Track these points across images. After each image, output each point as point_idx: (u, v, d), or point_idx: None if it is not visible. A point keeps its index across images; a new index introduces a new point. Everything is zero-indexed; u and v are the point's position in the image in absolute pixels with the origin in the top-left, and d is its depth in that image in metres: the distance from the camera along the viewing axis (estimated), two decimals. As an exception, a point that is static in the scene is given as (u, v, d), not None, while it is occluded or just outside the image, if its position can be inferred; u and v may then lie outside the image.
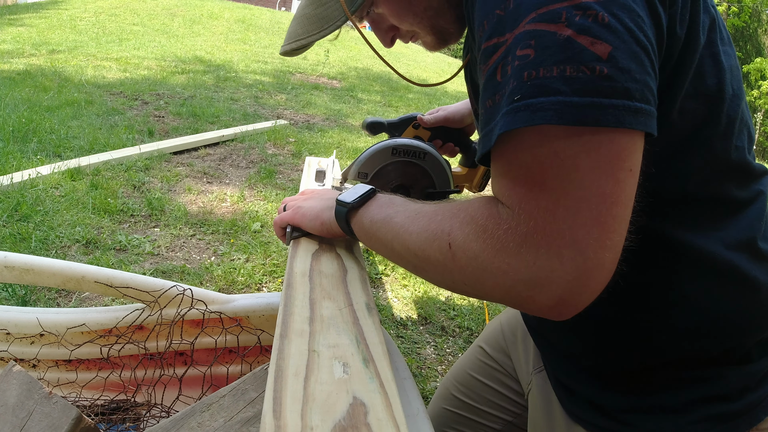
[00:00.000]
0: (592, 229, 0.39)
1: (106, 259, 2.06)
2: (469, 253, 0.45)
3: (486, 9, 0.43)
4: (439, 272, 0.49)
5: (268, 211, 2.74)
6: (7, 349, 0.91)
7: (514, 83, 0.39)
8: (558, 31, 0.38)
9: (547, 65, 0.38)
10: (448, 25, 0.63)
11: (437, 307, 2.17)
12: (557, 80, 0.38)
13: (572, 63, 0.38)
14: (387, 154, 0.88)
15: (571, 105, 0.37)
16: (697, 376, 0.55)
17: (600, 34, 0.38)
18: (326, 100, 5.88)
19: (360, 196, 0.61)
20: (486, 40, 0.43)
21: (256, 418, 0.60)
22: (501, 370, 0.86)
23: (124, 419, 0.91)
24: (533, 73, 0.39)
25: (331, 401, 0.40)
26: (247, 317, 0.90)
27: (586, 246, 0.39)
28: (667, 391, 0.55)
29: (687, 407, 0.54)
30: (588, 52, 0.38)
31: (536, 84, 0.38)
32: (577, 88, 0.38)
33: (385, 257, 0.59)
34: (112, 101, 4.40)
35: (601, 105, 0.37)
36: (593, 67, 0.37)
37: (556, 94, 0.38)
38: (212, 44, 8.37)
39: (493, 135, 0.42)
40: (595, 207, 0.39)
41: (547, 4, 0.39)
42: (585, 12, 0.38)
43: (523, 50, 0.39)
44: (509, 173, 0.43)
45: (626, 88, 0.38)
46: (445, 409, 0.92)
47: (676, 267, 0.52)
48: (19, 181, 2.52)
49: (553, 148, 0.39)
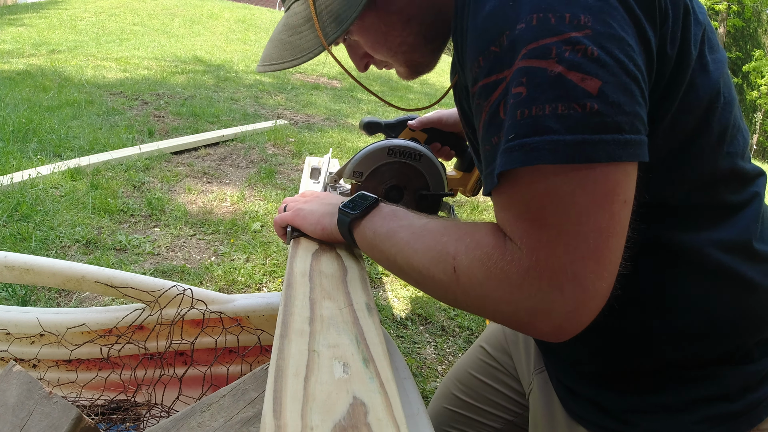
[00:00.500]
0: (589, 263, 0.41)
1: (106, 259, 2.06)
2: (474, 279, 0.46)
3: (481, 46, 0.43)
4: (441, 291, 0.50)
5: (268, 211, 2.74)
6: (7, 349, 0.91)
7: (510, 122, 0.40)
8: (549, 67, 0.39)
9: (540, 103, 0.39)
10: (423, 58, 0.64)
11: (437, 306, 2.17)
12: (549, 118, 0.39)
13: (563, 101, 0.38)
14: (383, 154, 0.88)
15: (564, 143, 0.38)
16: (697, 377, 0.55)
17: (590, 69, 0.38)
18: (326, 100, 5.88)
19: (364, 206, 0.62)
20: (485, 76, 0.43)
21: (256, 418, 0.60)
22: (502, 370, 0.86)
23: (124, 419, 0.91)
24: (526, 111, 0.39)
25: (331, 401, 0.40)
26: (247, 317, 0.90)
27: (584, 278, 0.41)
28: (669, 391, 0.56)
29: (688, 407, 0.55)
30: (579, 89, 0.38)
31: (529, 123, 0.39)
32: (569, 126, 0.38)
33: (386, 269, 0.60)
34: (112, 101, 4.40)
35: (592, 141, 0.38)
36: (584, 104, 0.38)
37: (549, 132, 0.39)
38: (212, 44, 8.37)
39: (494, 175, 0.43)
40: (593, 241, 0.40)
41: (537, 39, 0.39)
42: (574, 47, 0.38)
43: (517, 88, 0.40)
44: (511, 209, 0.44)
45: (616, 122, 0.39)
46: (445, 408, 0.92)
47: (672, 270, 0.52)
48: (19, 181, 2.52)
49: (550, 185, 0.40)
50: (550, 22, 0.39)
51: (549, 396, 0.70)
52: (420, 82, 8.60)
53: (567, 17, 0.39)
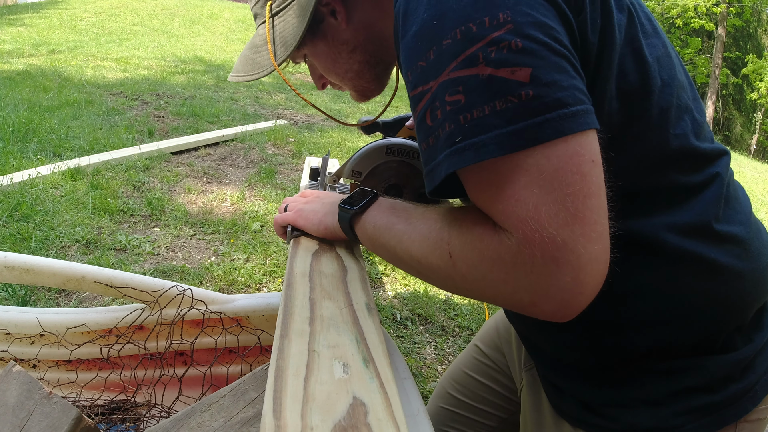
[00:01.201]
0: (575, 227, 0.40)
1: (106, 259, 2.06)
2: (469, 262, 0.46)
3: (409, 62, 0.46)
4: (442, 278, 0.50)
5: (268, 211, 2.74)
6: (7, 349, 0.91)
7: (452, 126, 0.42)
8: (479, 72, 0.41)
9: (478, 106, 0.41)
10: (368, 84, 0.72)
11: (437, 306, 2.17)
12: (490, 117, 0.40)
13: (499, 97, 0.40)
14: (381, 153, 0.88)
15: (509, 134, 0.40)
16: (675, 368, 0.54)
17: (517, 61, 0.40)
18: (326, 100, 5.88)
19: (363, 201, 0.62)
20: (412, 89, 0.46)
21: (256, 418, 0.60)
22: (496, 368, 0.86)
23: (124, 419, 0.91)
24: (468, 116, 0.41)
25: (331, 401, 0.40)
26: (247, 317, 0.90)
27: (574, 244, 0.40)
28: (647, 383, 0.55)
29: (668, 399, 0.54)
30: (511, 83, 0.40)
31: (473, 124, 0.41)
32: (509, 118, 0.40)
33: (389, 262, 0.60)
34: (112, 101, 4.40)
35: (535, 124, 0.40)
36: (519, 94, 0.40)
37: (492, 129, 0.40)
38: (212, 44, 8.37)
39: (437, 174, 0.45)
40: (571, 204, 0.40)
41: (463, 51, 0.41)
42: (498, 45, 0.40)
43: (453, 96, 0.42)
44: (480, 198, 0.45)
45: (557, 98, 0.40)
46: (441, 407, 0.93)
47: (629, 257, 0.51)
48: (19, 181, 2.52)
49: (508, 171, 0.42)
50: (471, 31, 0.41)
51: (537, 393, 0.71)
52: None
53: (486, 21, 0.41)
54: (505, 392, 0.85)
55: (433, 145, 0.45)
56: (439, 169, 0.44)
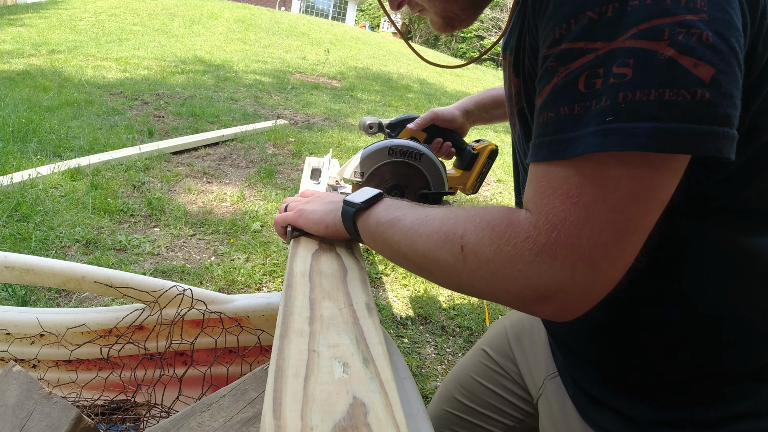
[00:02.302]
0: (610, 250, 0.40)
1: (106, 259, 2.06)
2: (482, 257, 0.45)
3: (576, 7, 0.39)
4: (446, 274, 0.50)
5: (268, 210, 2.74)
6: (7, 349, 0.91)
7: (607, 102, 0.38)
8: (659, 50, 0.36)
9: (645, 88, 0.36)
10: (459, 11, 0.61)
11: (437, 306, 2.17)
12: (654, 104, 0.36)
13: (671, 86, 0.36)
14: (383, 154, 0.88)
15: (668, 132, 0.36)
16: (732, 392, 0.53)
17: (703, 55, 0.36)
18: (326, 100, 5.88)
19: (368, 197, 0.62)
20: (571, 40, 0.40)
21: (256, 418, 0.60)
22: (505, 375, 0.85)
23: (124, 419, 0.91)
24: (629, 95, 0.37)
25: (331, 401, 0.40)
26: (247, 317, 0.90)
27: (599, 264, 0.40)
28: (701, 405, 0.54)
29: (719, 423, 0.53)
30: (690, 75, 0.36)
31: (631, 107, 0.37)
32: (675, 114, 0.36)
33: (388, 258, 0.59)
34: (112, 101, 4.40)
35: (700, 131, 0.36)
36: (694, 91, 0.36)
37: (651, 119, 0.36)
38: (212, 44, 8.37)
39: (570, 148, 0.40)
40: (620, 231, 0.40)
41: (649, 19, 0.36)
42: (689, 30, 0.36)
43: (621, 68, 0.37)
44: (551, 183, 0.42)
45: (727, 114, 0.37)
46: (446, 411, 0.92)
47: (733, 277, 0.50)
48: (19, 181, 2.52)
49: (621, 173, 0.39)
50: (666, 2, 0.36)
51: (563, 402, 0.68)
52: (420, 82, 8.60)
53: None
54: (514, 400, 0.84)
55: (578, 115, 0.39)
56: (576, 144, 0.40)
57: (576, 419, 0.65)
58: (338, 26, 15.02)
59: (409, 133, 0.94)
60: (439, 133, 0.96)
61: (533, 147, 0.44)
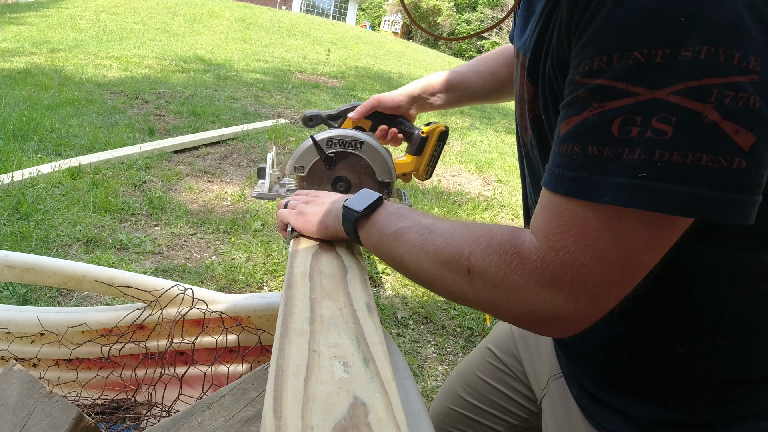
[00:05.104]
0: (615, 288, 0.42)
1: (107, 258, 2.06)
2: (488, 282, 0.46)
3: (621, 43, 0.37)
4: (451, 291, 0.51)
5: (269, 210, 2.74)
6: (7, 348, 0.91)
7: (642, 156, 0.36)
8: (704, 112, 0.35)
9: (683, 150, 0.35)
10: None
11: (438, 306, 2.17)
12: (690, 168, 0.35)
13: (710, 152, 0.35)
14: (322, 145, 0.87)
15: (698, 198, 0.36)
16: (738, 395, 0.54)
17: (747, 122, 0.35)
18: (326, 99, 5.88)
19: (368, 204, 0.62)
20: (611, 78, 0.37)
21: (256, 418, 0.60)
22: (510, 374, 0.85)
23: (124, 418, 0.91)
24: (666, 155, 0.36)
25: (331, 401, 0.40)
26: (247, 317, 0.90)
27: (602, 297, 0.42)
28: (704, 407, 0.54)
29: (724, 424, 0.54)
30: (730, 142, 0.35)
31: (666, 168, 0.36)
32: (709, 181, 0.35)
33: (392, 267, 0.60)
34: (113, 100, 4.40)
35: (729, 201, 0.36)
36: (732, 160, 0.35)
37: (683, 183, 0.36)
38: (213, 43, 8.37)
39: (593, 193, 0.39)
40: (628, 272, 0.41)
41: (699, 77, 0.35)
42: (737, 94, 0.34)
43: (661, 124, 0.36)
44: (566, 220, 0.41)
45: (755, 183, 0.36)
46: (450, 408, 0.92)
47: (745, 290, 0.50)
48: (19, 179, 2.52)
49: (640, 226, 0.39)
50: (718, 59, 0.34)
51: (566, 403, 0.69)
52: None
53: (737, 57, 0.34)
54: (519, 399, 0.84)
55: (607, 159, 0.38)
56: (601, 191, 0.38)
57: (580, 419, 0.65)
58: (339, 25, 15.02)
59: (352, 123, 0.91)
60: (383, 120, 0.92)
61: (552, 175, 0.43)
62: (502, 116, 6.86)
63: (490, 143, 5.17)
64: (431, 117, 5.88)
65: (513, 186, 3.92)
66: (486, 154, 4.68)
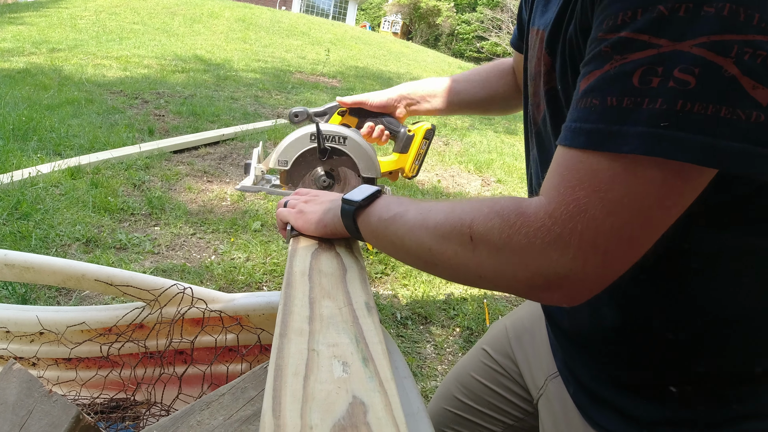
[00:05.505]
0: (624, 246, 0.41)
1: (107, 258, 2.06)
2: (491, 246, 0.45)
3: None
4: (453, 266, 0.49)
5: (268, 210, 2.74)
6: (6, 347, 0.91)
7: (664, 106, 0.37)
8: (725, 66, 0.36)
9: (704, 101, 0.36)
10: None
11: (437, 306, 2.18)
12: (710, 119, 0.36)
13: (729, 104, 0.36)
14: (305, 140, 0.87)
15: (717, 149, 0.37)
16: (738, 394, 0.53)
17: (764, 79, 0.36)
18: (326, 99, 5.88)
19: (367, 195, 0.62)
20: (633, 30, 0.38)
21: (255, 417, 0.60)
22: (505, 374, 0.85)
23: (123, 418, 0.91)
24: (688, 105, 0.37)
25: (330, 400, 0.40)
26: (247, 316, 0.90)
27: (611, 257, 0.41)
28: (703, 406, 0.54)
29: (723, 424, 0.53)
30: (748, 97, 0.36)
31: (688, 118, 0.37)
32: (729, 134, 0.36)
33: (391, 255, 0.59)
34: (113, 100, 4.40)
35: (748, 153, 0.37)
36: (750, 113, 0.36)
37: (705, 133, 0.37)
38: (212, 43, 8.37)
39: (614, 143, 0.39)
40: (638, 230, 0.40)
41: (722, 32, 0.36)
42: (755, 51, 0.36)
43: (684, 74, 0.37)
44: (580, 174, 0.41)
45: None
46: (445, 409, 0.92)
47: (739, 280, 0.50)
48: (19, 179, 2.52)
49: (655, 178, 0.39)
50: (739, 18, 0.36)
51: (564, 403, 0.68)
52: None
53: (756, 18, 0.36)
54: (514, 399, 0.84)
55: (627, 109, 0.39)
56: (621, 140, 0.39)
57: (577, 419, 0.64)
58: (339, 26, 15.02)
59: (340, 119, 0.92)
60: (369, 118, 0.93)
61: (568, 130, 0.43)
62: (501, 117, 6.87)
63: (489, 144, 5.17)
64: (430, 118, 5.88)
65: (513, 186, 3.92)
66: (485, 154, 4.69)
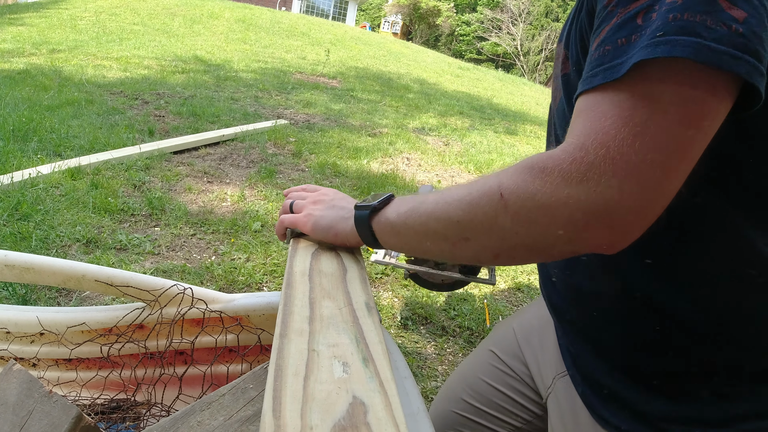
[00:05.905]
0: (657, 170, 0.41)
1: (107, 258, 2.06)
2: (525, 194, 0.45)
3: None
4: (485, 231, 0.49)
5: (269, 210, 2.74)
6: (7, 347, 0.91)
7: (659, 23, 0.42)
8: None
9: (692, 12, 0.41)
10: None
11: (437, 307, 2.17)
12: (699, 26, 0.40)
13: (712, 17, 0.40)
14: None
15: (709, 48, 0.40)
16: (741, 391, 0.54)
17: (737, 2, 0.40)
18: (326, 100, 5.88)
19: (381, 199, 0.61)
20: None
21: (255, 417, 0.60)
22: (514, 376, 0.84)
23: (124, 418, 0.91)
24: (678, 15, 0.41)
25: (330, 400, 0.40)
26: (247, 316, 0.90)
27: (647, 182, 0.42)
28: (710, 403, 0.55)
29: (727, 422, 0.54)
30: (725, 14, 0.40)
31: (680, 24, 0.41)
32: (716, 37, 0.40)
33: (414, 250, 0.59)
34: (113, 100, 4.40)
35: (734, 56, 0.40)
36: (730, 25, 0.40)
37: (696, 36, 0.40)
38: (212, 44, 8.37)
39: (623, 66, 0.43)
40: (668, 153, 0.41)
41: None
42: None
43: None
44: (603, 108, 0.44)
45: (756, 50, 0.40)
46: (452, 412, 0.91)
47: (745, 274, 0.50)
48: (19, 180, 2.52)
49: (669, 89, 0.41)
50: None
51: (572, 401, 0.68)
52: (419, 82, 8.60)
53: None
54: (523, 401, 0.83)
55: (634, 43, 0.43)
56: (626, 63, 0.43)
57: (586, 417, 0.65)
58: (339, 26, 15.02)
59: None
60: None
61: (586, 79, 0.46)
62: (501, 117, 6.87)
63: (489, 144, 5.17)
64: (430, 119, 5.88)
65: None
66: (485, 154, 4.69)
